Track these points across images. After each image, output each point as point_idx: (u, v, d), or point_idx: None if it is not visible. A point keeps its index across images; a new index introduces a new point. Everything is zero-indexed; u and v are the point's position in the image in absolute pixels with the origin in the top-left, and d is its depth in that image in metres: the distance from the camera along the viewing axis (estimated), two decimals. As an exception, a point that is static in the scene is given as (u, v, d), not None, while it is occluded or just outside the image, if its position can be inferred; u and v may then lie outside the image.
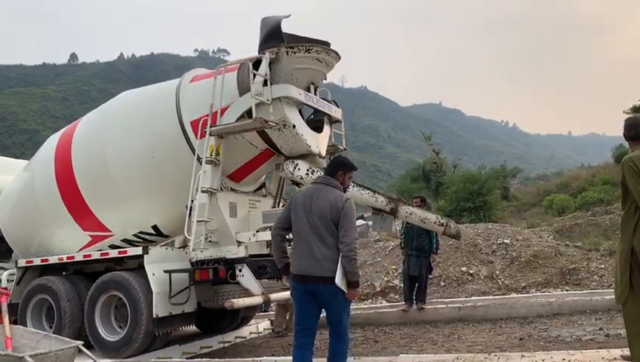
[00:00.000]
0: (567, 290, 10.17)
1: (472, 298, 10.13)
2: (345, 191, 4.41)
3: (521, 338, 6.81)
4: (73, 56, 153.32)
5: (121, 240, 7.47)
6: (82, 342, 4.18)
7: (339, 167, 4.40)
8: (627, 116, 8.46)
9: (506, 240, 12.47)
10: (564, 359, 4.66)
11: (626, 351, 4.30)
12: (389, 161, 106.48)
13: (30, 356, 3.63)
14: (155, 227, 7.32)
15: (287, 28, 6.56)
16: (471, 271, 11.76)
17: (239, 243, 6.58)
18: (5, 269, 8.69)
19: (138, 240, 7.45)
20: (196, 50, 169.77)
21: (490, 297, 9.99)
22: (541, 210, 30.18)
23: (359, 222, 23.18)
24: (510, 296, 10.07)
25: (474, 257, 12.12)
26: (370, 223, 25.00)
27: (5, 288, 7.42)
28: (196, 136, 6.64)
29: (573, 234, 16.61)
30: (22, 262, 7.92)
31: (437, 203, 27.47)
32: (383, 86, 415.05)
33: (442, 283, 11.64)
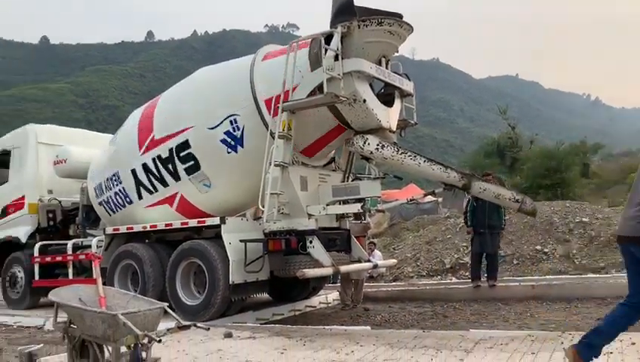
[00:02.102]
0: (650, 272, 9.64)
1: (546, 276, 9.84)
2: None
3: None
4: (150, 34, 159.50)
5: None
6: (168, 304, 4.48)
7: None
8: None
9: (584, 219, 11.95)
10: (644, 341, 4.49)
11: None
12: (461, 136, 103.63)
13: (122, 314, 3.95)
14: None
15: (358, 1, 6.54)
16: (546, 250, 11.40)
17: (310, 215, 6.76)
18: (94, 236, 9.36)
19: None
20: (266, 25, 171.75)
21: (566, 276, 9.66)
22: (624, 188, 28.46)
23: (429, 198, 22.90)
24: (587, 276, 9.69)
25: (549, 236, 11.72)
26: (440, 200, 24.60)
27: (97, 253, 8.05)
28: (269, 112, 6.79)
29: (660, 213, 15.59)
30: (109, 230, 8.51)
31: (512, 179, 26.52)
32: (456, 58, 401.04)
33: (515, 262, 11.37)
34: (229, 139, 7.12)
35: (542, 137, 49.15)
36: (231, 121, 7.08)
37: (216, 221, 7.11)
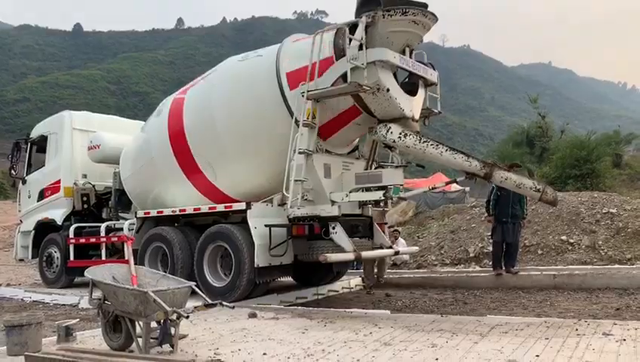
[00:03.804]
0: (678, 265, 9.53)
1: (569, 266, 9.82)
2: None
3: (617, 309, 6.61)
4: (180, 21, 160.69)
5: None
6: (195, 283, 4.73)
7: None
8: None
9: (612, 210, 11.79)
10: (659, 330, 4.55)
11: None
12: (491, 124, 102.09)
13: (152, 291, 4.21)
14: None
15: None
16: (571, 241, 11.31)
17: (333, 202, 6.91)
18: (126, 219, 9.72)
19: None
20: (295, 12, 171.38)
21: (588, 266, 9.63)
22: (658, 179, 27.84)
23: (455, 186, 22.80)
24: (610, 266, 9.64)
25: (575, 226, 11.62)
26: (467, 189, 24.48)
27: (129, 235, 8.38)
28: (290, 87, 6.95)
29: (693, 206, 15.27)
30: (140, 213, 8.84)
31: (541, 169, 26.20)
32: (488, 45, 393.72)
33: (540, 252, 11.32)
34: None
35: (574, 126, 48.15)
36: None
37: (242, 206, 7.33)
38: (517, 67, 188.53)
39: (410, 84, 7.21)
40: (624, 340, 4.23)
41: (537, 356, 3.87)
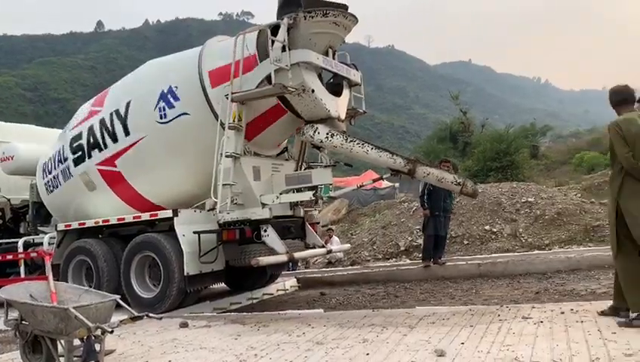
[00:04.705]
0: (590, 247, 10.24)
1: (492, 255, 10.31)
2: None
3: (537, 292, 7.01)
4: (99, 24, 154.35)
5: None
6: (120, 296, 4.55)
7: None
8: None
9: (530, 199, 12.49)
10: (572, 309, 4.86)
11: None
12: (417, 122, 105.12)
13: (74, 307, 4.01)
14: None
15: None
16: (494, 230, 11.88)
17: (264, 205, 6.87)
18: (46, 233, 9.23)
19: None
20: (220, 13, 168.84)
21: (510, 254, 10.15)
22: (571, 168, 29.76)
23: (385, 183, 23.35)
24: (529, 253, 10.21)
25: (497, 216, 12.22)
26: (397, 185, 25.13)
27: (48, 250, 7.97)
28: (212, 85, 6.88)
29: (601, 191, 16.43)
30: (61, 226, 8.41)
31: (464, 163, 27.31)
32: (412, 44, 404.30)
33: (465, 242, 11.81)
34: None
35: (494, 121, 50.67)
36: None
37: (168, 213, 7.15)
38: (439, 65, 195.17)
39: (335, 85, 7.31)
40: (541, 322, 4.49)
41: (462, 343, 4.03)
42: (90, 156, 7.96)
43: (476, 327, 4.52)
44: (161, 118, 7.29)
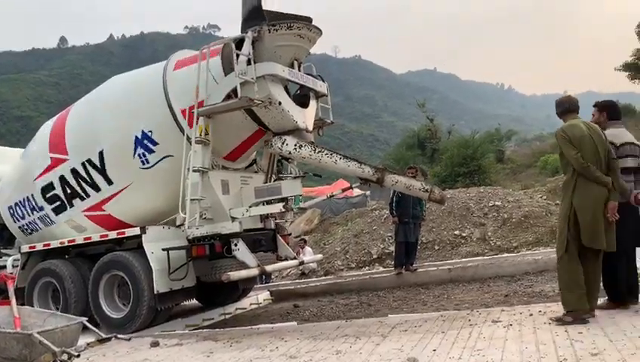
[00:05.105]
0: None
1: (463, 259, 10.44)
2: None
3: (506, 295, 7.13)
4: (62, 39, 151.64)
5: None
6: (87, 319, 4.45)
7: None
8: (617, 73, 8.86)
9: (497, 203, 12.72)
10: (540, 311, 4.97)
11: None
12: (386, 129, 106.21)
13: (38, 332, 3.90)
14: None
15: (270, 5, 6.67)
16: (464, 234, 12.05)
17: (233, 218, 6.81)
18: (9, 256, 8.96)
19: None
20: (186, 27, 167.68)
21: (479, 258, 10.30)
22: (536, 171, 30.44)
23: (357, 191, 23.44)
24: (499, 256, 10.37)
25: (466, 221, 12.40)
26: (368, 193, 25.26)
27: (11, 273, 7.72)
28: (190, 125, 6.75)
29: (566, 193, 16.80)
30: (25, 248, 8.20)
31: (432, 169, 27.67)
32: (378, 54, 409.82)
33: (436, 247, 11.94)
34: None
35: (460, 127, 51.50)
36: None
37: (136, 231, 7.03)
38: (405, 74, 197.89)
39: (302, 96, 7.32)
40: (511, 325, 4.57)
41: (434, 350, 4.07)
42: (72, 205, 7.76)
43: (448, 333, 4.56)
44: (143, 163, 7.14)
